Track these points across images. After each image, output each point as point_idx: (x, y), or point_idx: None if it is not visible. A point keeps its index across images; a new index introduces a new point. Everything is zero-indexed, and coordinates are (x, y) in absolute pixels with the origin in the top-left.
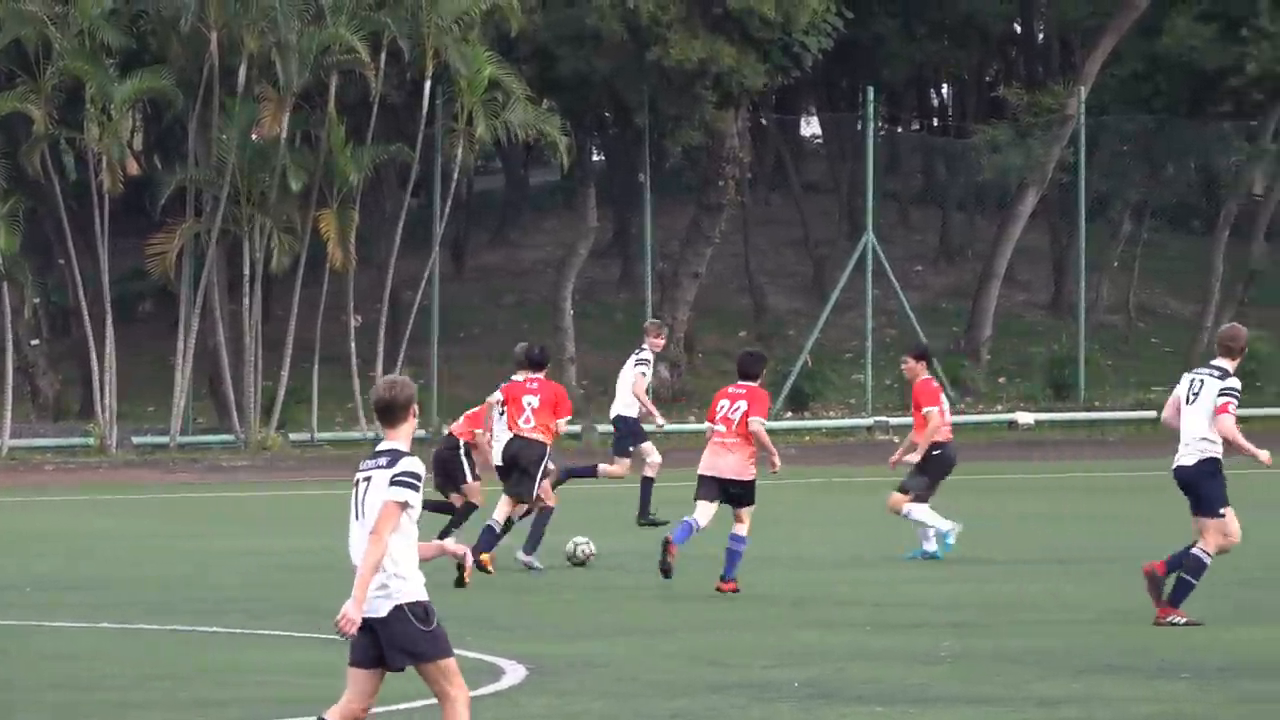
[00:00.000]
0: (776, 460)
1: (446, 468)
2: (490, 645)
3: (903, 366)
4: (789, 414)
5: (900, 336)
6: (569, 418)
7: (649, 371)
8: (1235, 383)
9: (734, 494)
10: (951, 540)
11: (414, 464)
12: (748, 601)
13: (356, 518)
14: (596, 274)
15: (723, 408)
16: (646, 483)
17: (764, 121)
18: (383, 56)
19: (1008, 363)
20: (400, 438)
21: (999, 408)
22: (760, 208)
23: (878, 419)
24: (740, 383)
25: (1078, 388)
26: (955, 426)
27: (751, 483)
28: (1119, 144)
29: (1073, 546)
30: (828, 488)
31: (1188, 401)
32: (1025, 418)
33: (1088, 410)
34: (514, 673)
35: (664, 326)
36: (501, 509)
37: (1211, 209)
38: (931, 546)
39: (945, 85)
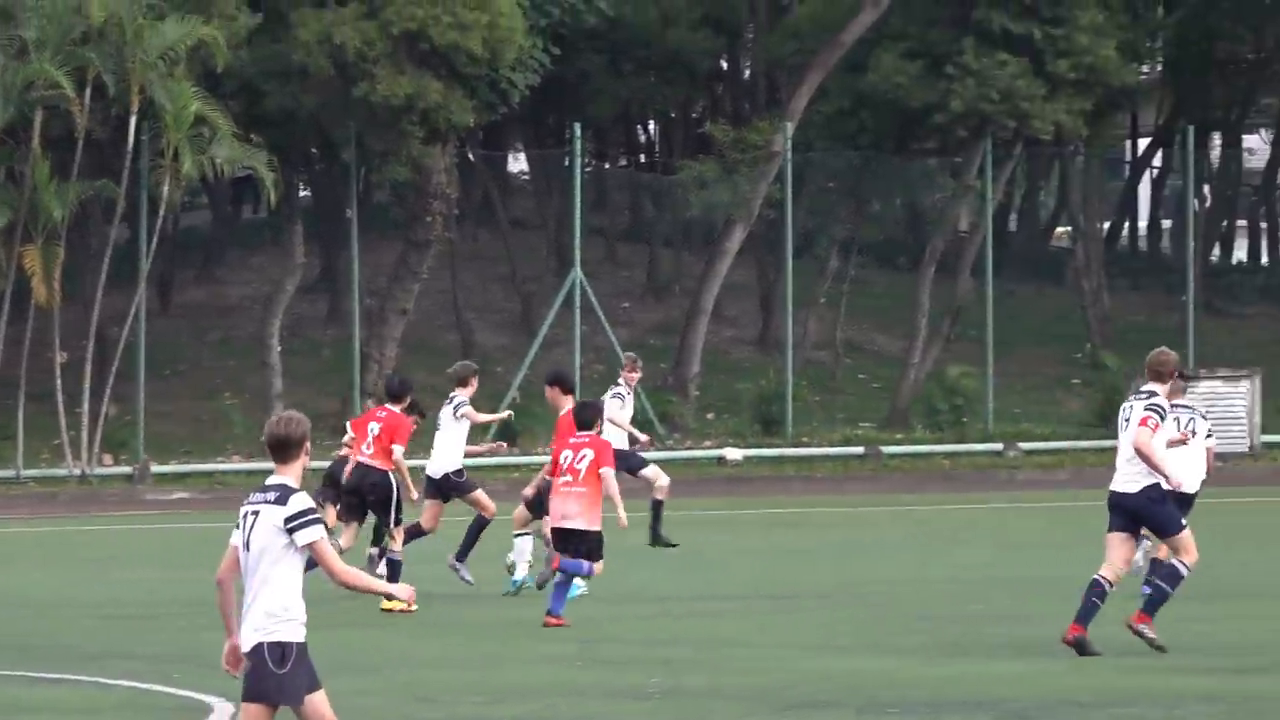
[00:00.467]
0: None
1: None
2: (197, 681)
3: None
4: None
5: (608, 373)
6: (401, 446)
7: (625, 402)
8: (1161, 401)
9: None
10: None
11: (304, 500)
12: (457, 638)
13: (244, 548)
14: (304, 310)
15: (566, 458)
16: (656, 505)
17: (471, 158)
18: (88, 92)
19: (716, 399)
20: (290, 474)
21: (707, 443)
22: (468, 244)
23: None
24: (580, 434)
25: (785, 423)
26: (665, 463)
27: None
28: (825, 180)
29: (782, 582)
30: None
31: (1122, 429)
32: (734, 453)
33: (796, 446)
34: (221, 710)
35: (638, 361)
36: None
37: (917, 245)
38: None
39: (652, 122)
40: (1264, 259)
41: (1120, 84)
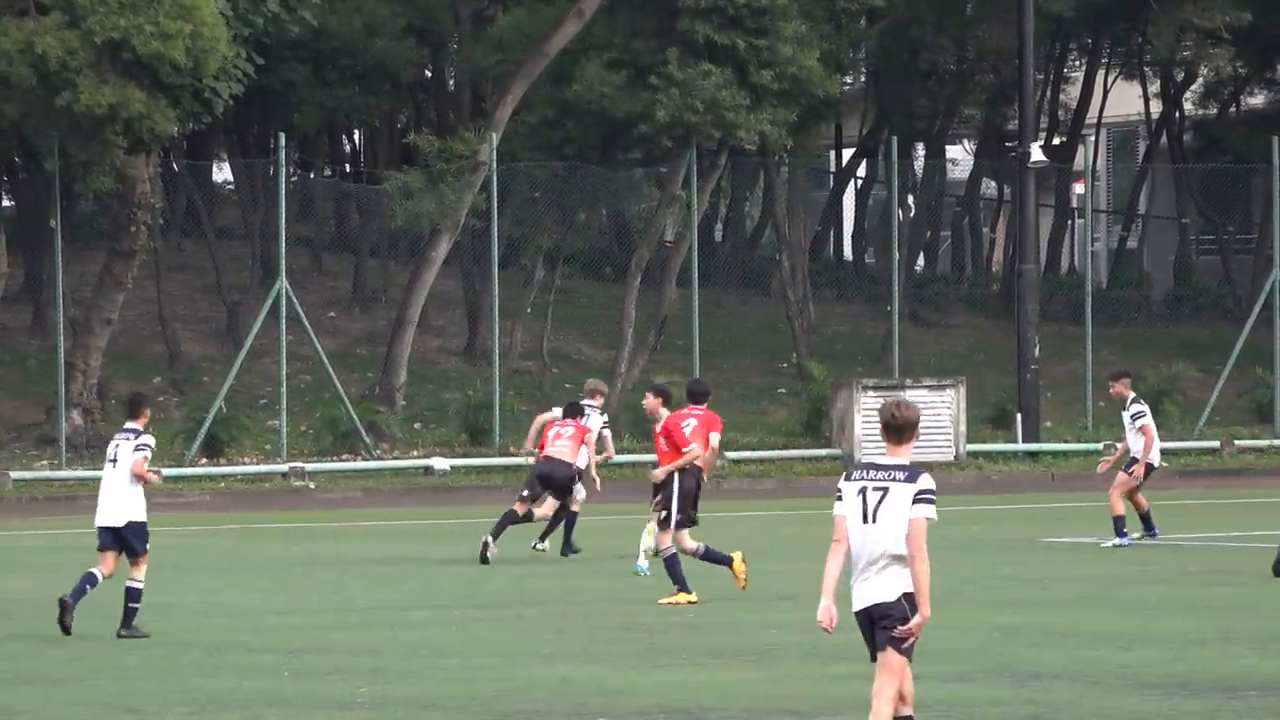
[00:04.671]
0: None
1: None
2: None
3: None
4: (204, 460)
5: (315, 383)
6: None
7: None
8: None
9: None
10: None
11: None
12: (161, 648)
13: (112, 463)
14: (8, 320)
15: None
16: (572, 516)
17: (176, 167)
18: None
19: (423, 409)
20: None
21: (415, 454)
22: (173, 254)
23: (294, 465)
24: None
25: (493, 433)
26: (372, 474)
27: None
28: (531, 190)
29: (491, 591)
30: (243, 534)
31: None
32: (441, 463)
33: (503, 456)
34: None
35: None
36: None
37: (623, 255)
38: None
39: (357, 131)
40: (968, 269)
41: (824, 94)
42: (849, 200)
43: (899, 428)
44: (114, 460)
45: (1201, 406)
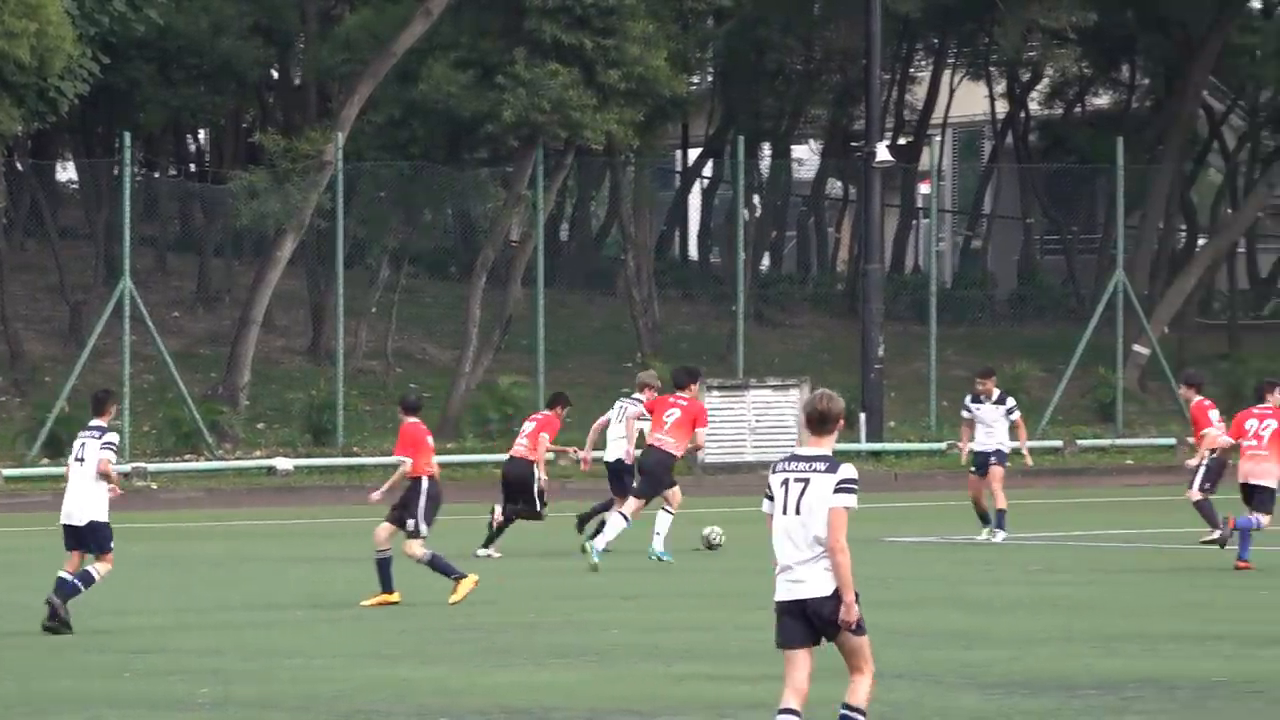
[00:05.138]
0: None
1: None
2: None
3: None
4: (45, 460)
5: (158, 383)
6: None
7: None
8: None
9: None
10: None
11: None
12: (7, 652)
13: (79, 461)
14: None
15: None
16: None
17: (19, 167)
18: None
19: (267, 409)
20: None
21: (258, 454)
22: (16, 253)
23: (136, 465)
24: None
25: (336, 433)
26: (215, 474)
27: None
28: (377, 190)
29: (332, 591)
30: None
31: None
32: (284, 464)
33: (347, 455)
34: None
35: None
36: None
37: (469, 255)
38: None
39: (203, 131)
40: (813, 269)
41: (671, 94)
42: (695, 200)
43: (820, 419)
44: (81, 459)
45: (1044, 406)
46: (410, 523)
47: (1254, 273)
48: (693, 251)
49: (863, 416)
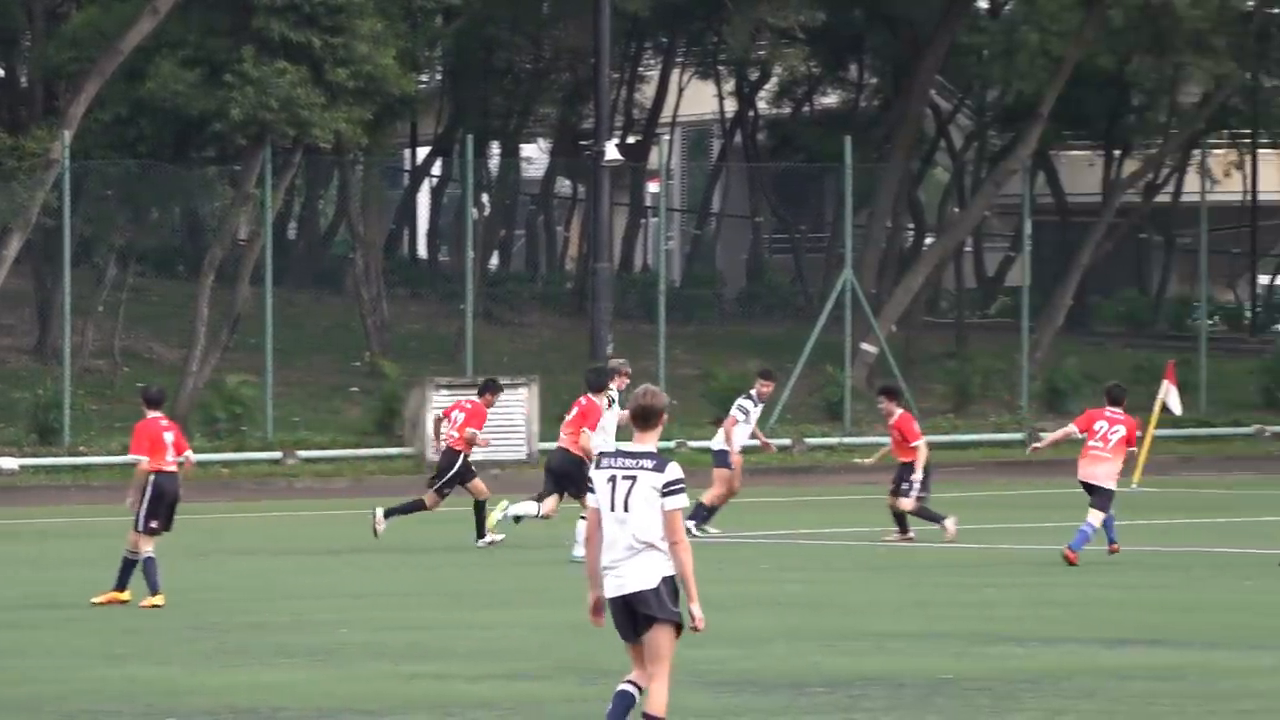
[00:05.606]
0: None
1: None
2: None
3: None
4: None
5: None
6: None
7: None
8: None
9: None
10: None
11: None
12: None
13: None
14: None
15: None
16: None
17: None
18: None
19: None
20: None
21: None
22: None
23: None
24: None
25: (63, 433)
26: None
27: None
28: (104, 188)
29: (60, 592)
30: None
31: None
32: (9, 463)
33: (73, 455)
34: None
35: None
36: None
37: (197, 253)
38: None
39: None
40: (542, 268)
41: (400, 93)
42: (424, 198)
43: (644, 415)
44: None
45: (773, 405)
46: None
47: (981, 272)
48: (422, 250)
49: None
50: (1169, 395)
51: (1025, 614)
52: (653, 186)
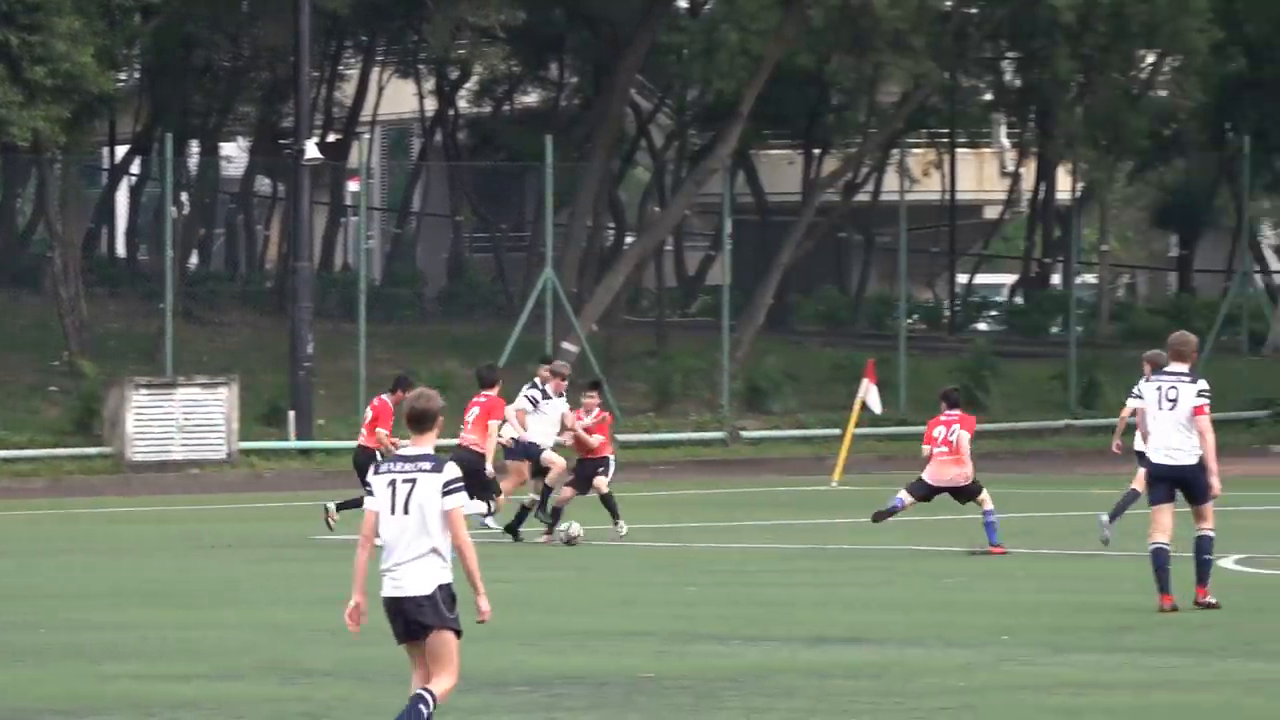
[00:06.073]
0: None
1: None
2: None
3: None
4: None
5: None
6: None
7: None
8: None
9: None
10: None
11: None
12: None
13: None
14: None
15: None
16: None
17: None
18: None
19: None
20: None
21: None
22: None
23: None
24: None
25: None
26: None
27: None
28: None
29: None
30: None
31: (1161, 406)
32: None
33: None
34: None
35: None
36: None
37: None
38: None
39: None
40: (242, 266)
41: (99, 91)
42: (123, 197)
43: (419, 418)
44: None
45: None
46: None
47: (681, 271)
48: (121, 249)
49: (291, 415)
50: (869, 394)
51: (727, 613)
52: (353, 185)
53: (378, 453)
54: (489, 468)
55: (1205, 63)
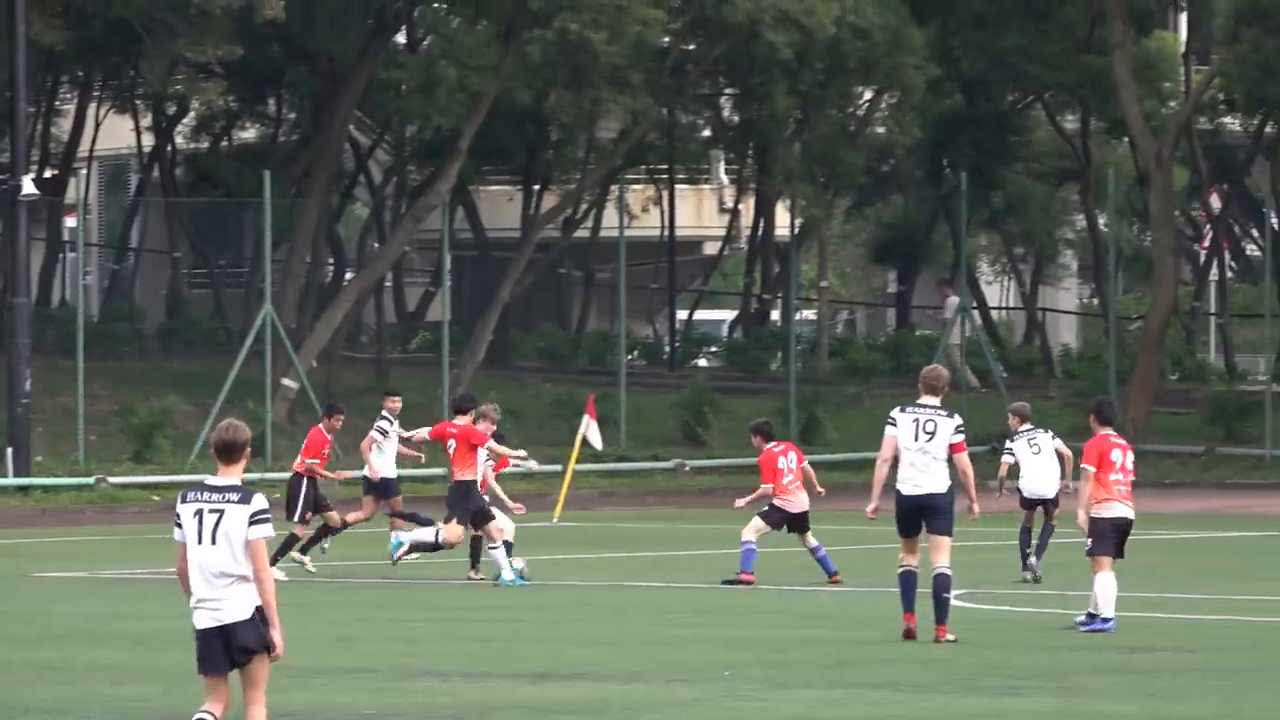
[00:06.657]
0: None
1: None
2: None
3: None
4: None
5: None
6: None
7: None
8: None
9: None
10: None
11: None
12: None
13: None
14: None
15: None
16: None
17: None
18: None
19: None
20: None
21: None
22: None
23: None
24: None
25: None
26: None
27: None
28: None
29: None
30: None
31: (920, 437)
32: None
33: None
34: None
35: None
36: None
37: None
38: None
39: None
40: None
41: None
42: None
43: (225, 448)
44: None
45: (193, 439)
46: None
47: (401, 307)
48: None
49: (10, 451)
50: (589, 430)
51: (449, 649)
52: (70, 221)
53: (304, 480)
54: (484, 497)
55: (922, 99)
